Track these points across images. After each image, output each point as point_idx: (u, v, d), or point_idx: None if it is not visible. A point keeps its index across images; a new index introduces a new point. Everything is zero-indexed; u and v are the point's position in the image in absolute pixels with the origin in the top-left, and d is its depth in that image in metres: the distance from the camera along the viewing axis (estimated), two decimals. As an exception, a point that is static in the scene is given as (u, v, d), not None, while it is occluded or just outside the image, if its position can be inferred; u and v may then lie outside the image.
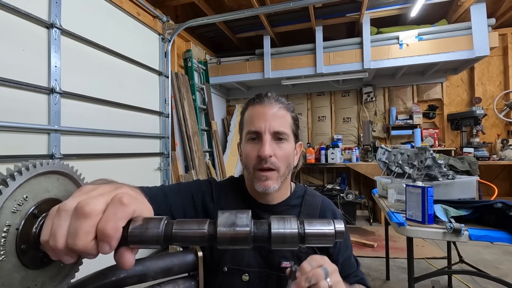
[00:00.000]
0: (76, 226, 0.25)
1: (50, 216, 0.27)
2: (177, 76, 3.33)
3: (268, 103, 0.69)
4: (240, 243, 0.28)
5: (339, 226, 0.30)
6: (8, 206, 0.26)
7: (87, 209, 0.25)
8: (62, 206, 0.26)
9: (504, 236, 1.06)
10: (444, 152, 3.62)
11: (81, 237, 0.25)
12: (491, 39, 3.29)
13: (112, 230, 0.25)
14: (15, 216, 0.27)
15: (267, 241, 0.28)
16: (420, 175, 1.63)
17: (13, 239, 0.27)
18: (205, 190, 0.73)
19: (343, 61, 3.79)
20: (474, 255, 2.58)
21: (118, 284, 0.44)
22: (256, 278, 0.66)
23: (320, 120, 4.79)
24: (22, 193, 0.27)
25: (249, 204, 0.73)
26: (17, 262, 0.27)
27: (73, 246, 0.25)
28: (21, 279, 0.27)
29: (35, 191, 0.29)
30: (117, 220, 0.26)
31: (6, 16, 1.57)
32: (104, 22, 2.27)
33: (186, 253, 0.58)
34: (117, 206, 0.26)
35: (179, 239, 0.28)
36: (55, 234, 0.25)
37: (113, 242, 0.25)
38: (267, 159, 0.64)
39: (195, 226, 0.28)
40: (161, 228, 0.27)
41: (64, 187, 0.33)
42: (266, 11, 2.99)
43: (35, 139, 1.71)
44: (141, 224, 0.27)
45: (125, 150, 2.43)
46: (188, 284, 0.58)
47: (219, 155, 3.91)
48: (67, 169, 0.33)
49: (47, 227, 0.26)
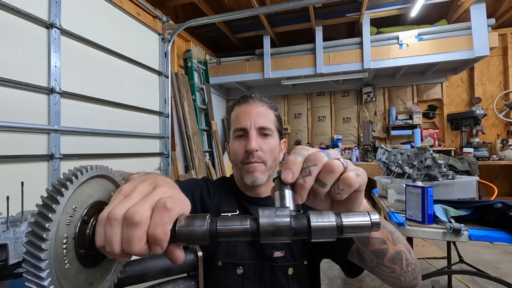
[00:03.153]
0: (129, 234, 0.27)
1: (101, 223, 0.29)
2: (177, 76, 3.33)
3: (252, 102, 0.75)
4: (281, 237, 0.30)
5: (374, 218, 0.31)
6: (62, 221, 0.28)
7: (137, 219, 0.27)
8: (111, 215, 0.28)
9: (504, 236, 1.06)
10: (444, 152, 3.62)
11: (136, 244, 0.27)
12: (491, 39, 3.30)
13: (162, 235, 0.27)
14: (69, 228, 0.29)
15: (308, 234, 0.30)
16: (420, 175, 1.63)
17: (72, 247, 0.29)
18: (203, 187, 0.78)
19: (343, 61, 3.79)
20: (474, 255, 2.58)
21: (118, 284, 0.44)
22: (250, 270, 0.68)
23: (320, 120, 4.79)
24: (71, 205, 0.29)
25: (239, 197, 0.77)
26: (79, 265, 0.30)
27: (129, 251, 0.27)
28: (84, 279, 0.30)
29: (81, 199, 0.31)
30: (164, 225, 0.28)
31: (6, 16, 1.57)
32: (104, 22, 2.27)
33: (186, 253, 0.58)
34: (162, 212, 0.28)
35: (223, 235, 0.29)
36: (110, 242, 0.27)
37: (164, 244, 0.28)
38: (253, 153, 0.69)
39: (237, 222, 0.30)
40: (206, 225, 0.29)
41: (104, 187, 0.35)
42: (266, 11, 2.99)
43: (35, 139, 1.71)
44: (186, 223, 0.29)
45: (125, 150, 2.43)
46: (188, 284, 0.58)
47: (219, 155, 3.91)
48: (103, 170, 0.35)
49: (100, 233, 0.28)
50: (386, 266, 0.53)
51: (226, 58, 4.32)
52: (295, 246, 0.70)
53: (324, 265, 2.48)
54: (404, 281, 0.55)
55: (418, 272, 0.57)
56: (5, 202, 0.90)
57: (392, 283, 0.56)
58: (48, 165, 1.77)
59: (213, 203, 0.75)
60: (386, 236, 0.53)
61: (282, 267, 0.68)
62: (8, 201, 0.89)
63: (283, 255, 0.68)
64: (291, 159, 0.33)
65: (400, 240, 0.55)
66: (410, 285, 0.56)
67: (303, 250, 0.71)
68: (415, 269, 0.56)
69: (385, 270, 0.54)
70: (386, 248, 0.52)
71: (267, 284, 0.68)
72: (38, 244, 0.25)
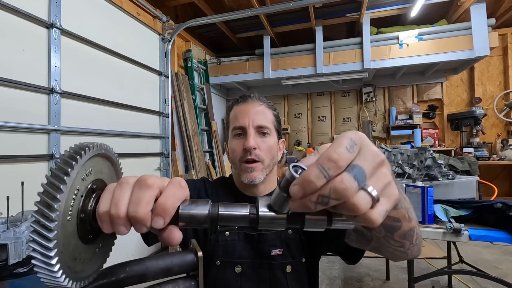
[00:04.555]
0: (139, 195, 0.28)
1: (109, 190, 0.29)
2: (177, 76, 3.33)
3: (251, 101, 0.76)
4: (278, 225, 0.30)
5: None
6: (80, 173, 0.28)
7: (150, 181, 0.28)
8: (124, 180, 0.29)
9: (504, 236, 1.06)
10: (444, 152, 3.62)
11: (143, 206, 0.27)
12: (491, 39, 3.30)
13: (171, 207, 0.28)
14: (82, 184, 0.29)
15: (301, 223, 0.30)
16: (420, 175, 1.63)
17: (78, 204, 0.29)
18: (200, 187, 0.78)
19: (343, 61, 3.79)
20: (474, 255, 2.58)
21: (118, 284, 0.44)
22: (248, 269, 0.68)
23: (320, 120, 4.79)
24: (89, 165, 0.30)
25: (237, 197, 0.77)
26: (75, 228, 0.29)
27: (134, 213, 0.27)
28: (73, 248, 0.29)
29: (96, 168, 0.32)
30: (176, 199, 0.28)
31: (6, 16, 1.57)
32: (104, 22, 2.27)
33: (186, 253, 0.58)
34: (177, 187, 0.29)
35: (224, 219, 0.30)
36: (117, 203, 0.27)
37: (168, 218, 0.28)
38: (251, 151, 0.69)
39: (238, 208, 0.31)
40: (209, 209, 0.30)
41: (111, 174, 0.36)
42: (266, 11, 2.99)
43: (35, 139, 1.71)
44: (189, 205, 0.30)
45: (125, 150, 2.43)
46: (188, 284, 0.58)
47: (219, 155, 3.91)
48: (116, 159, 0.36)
49: (106, 199, 0.29)
50: (395, 240, 0.50)
51: (226, 58, 4.32)
52: (293, 244, 0.70)
53: (324, 265, 2.48)
54: (411, 254, 0.54)
55: (421, 241, 0.56)
56: (5, 202, 0.90)
57: (398, 256, 0.54)
58: (48, 165, 1.77)
59: None
60: (403, 215, 0.46)
61: (280, 265, 0.68)
62: (8, 201, 0.89)
63: (281, 253, 0.68)
64: (314, 173, 0.23)
65: (413, 215, 0.50)
66: (413, 256, 0.56)
67: (301, 248, 0.71)
68: (421, 240, 0.55)
69: (393, 243, 0.51)
70: (400, 225, 0.47)
71: (265, 282, 0.68)
72: (57, 183, 0.25)
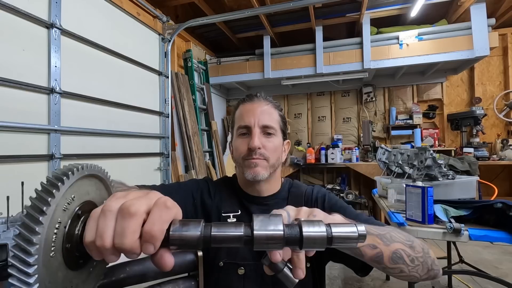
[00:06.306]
0: (123, 225, 0.26)
1: (93, 217, 0.27)
2: (177, 76, 3.33)
3: (257, 101, 0.75)
4: (274, 245, 0.29)
5: (361, 229, 0.32)
6: (61, 204, 0.26)
7: (133, 209, 0.26)
8: (107, 207, 0.27)
9: (504, 236, 1.06)
10: (444, 152, 3.62)
11: (129, 237, 0.26)
12: (491, 39, 3.29)
13: (159, 232, 0.26)
14: (64, 214, 0.27)
15: (299, 243, 0.30)
16: (420, 175, 1.63)
17: (61, 237, 0.27)
18: (203, 187, 0.78)
19: (343, 61, 3.79)
20: (474, 255, 2.58)
21: (118, 284, 0.44)
22: (251, 271, 0.68)
23: (320, 120, 4.79)
24: (71, 192, 0.28)
25: (240, 197, 0.77)
26: (62, 260, 0.27)
27: (120, 245, 0.26)
28: (63, 279, 0.28)
29: (80, 192, 0.30)
30: (162, 222, 0.27)
31: (6, 16, 1.57)
32: (104, 22, 2.27)
33: (186, 253, 0.58)
34: (162, 209, 0.27)
35: (217, 241, 0.28)
36: (102, 234, 0.26)
37: (158, 243, 0.26)
38: (256, 150, 0.69)
39: (232, 228, 0.29)
40: (201, 230, 0.28)
41: (100, 191, 0.34)
42: (266, 11, 2.99)
43: (35, 139, 1.71)
44: (181, 226, 0.28)
45: (125, 150, 2.43)
46: (188, 284, 0.58)
47: (219, 155, 3.91)
48: (103, 174, 0.34)
49: (91, 228, 0.27)
50: (390, 267, 0.53)
51: (226, 58, 4.32)
52: None
53: (324, 265, 2.48)
54: (419, 275, 0.54)
55: (431, 263, 0.55)
56: (5, 202, 0.90)
57: (410, 279, 0.55)
58: (48, 165, 1.77)
59: (213, 203, 0.75)
60: (374, 240, 0.52)
61: None
62: (8, 201, 0.89)
63: None
64: None
65: (394, 239, 0.54)
66: (429, 277, 0.55)
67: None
68: (425, 261, 0.54)
69: (392, 271, 0.53)
70: (380, 251, 0.52)
71: (268, 284, 0.67)
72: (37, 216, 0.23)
